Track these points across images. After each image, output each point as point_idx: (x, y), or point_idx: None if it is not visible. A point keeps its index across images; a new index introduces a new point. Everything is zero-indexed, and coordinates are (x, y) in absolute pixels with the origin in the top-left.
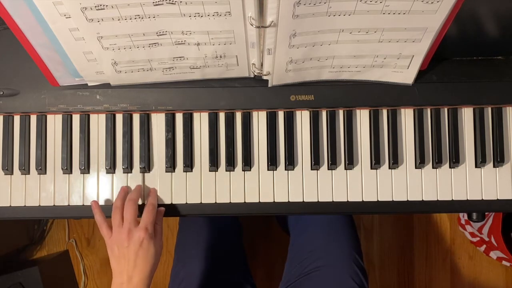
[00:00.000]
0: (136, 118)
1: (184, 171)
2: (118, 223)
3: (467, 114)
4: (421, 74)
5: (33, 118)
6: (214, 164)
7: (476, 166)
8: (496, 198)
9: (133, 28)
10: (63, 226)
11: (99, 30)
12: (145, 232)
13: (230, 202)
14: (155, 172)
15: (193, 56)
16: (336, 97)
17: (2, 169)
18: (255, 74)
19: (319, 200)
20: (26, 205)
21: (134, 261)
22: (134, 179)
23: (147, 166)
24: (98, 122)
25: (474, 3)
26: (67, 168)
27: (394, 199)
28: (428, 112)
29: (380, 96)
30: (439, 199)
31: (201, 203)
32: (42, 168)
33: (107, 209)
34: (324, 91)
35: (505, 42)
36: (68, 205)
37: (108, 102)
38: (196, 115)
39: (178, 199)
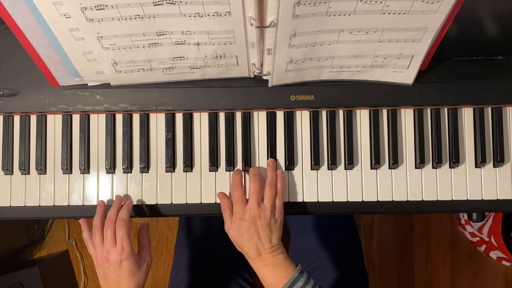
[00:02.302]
0: (136, 118)
1: (184, 171)
2: (98, 243)
3: (467, 114)
4: (421, 74)
5: (33, 118)
6: (214, 164)
7: (476, 166)
8: (496, 198)
9: (133, 28)
10: (63, 226)
11: (99, 30)
12: (121, 254)
13: None
14: (155, 172)
15: (193, 56)
16: (336, 97)
17: (2, 169)
18: (255, 74)
19: (319, 200)
20: (26, 205)
21: (117, 280)
22: (134, 179)
23: (147, 166)
24: (98, 122)
25: (474, 3)
26: (67, 168)
27: (394, 199)
28: (428, 112)
29: (380, 96)
30: (439, 199)
31: (201, 203)
32: (42, 168)
33: (106, 209)
34: (324, 91)
35: (505, 42)
36: (68, 205)
37: (108, 102)
38: (196, 115)
39: (178, 199)
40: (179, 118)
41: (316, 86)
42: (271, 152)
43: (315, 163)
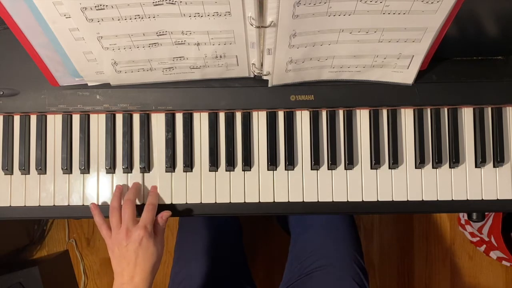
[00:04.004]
0: (136, 118)
1: (184, 171)
2: (116, 223)
3: (467, 114)
4: (421, 74)
5: (33, 118)
6: (214, 164)
7: (476, 166)
8: (496, 198)
9: (133, 28)
10: (63, 226)
11: (99, 30)
12: (144, 231)
13: (230, 202)
14: (155, 172)
15: (193, 56)
16: (336, 97)
17: (2, 169)
18: (255, 74)
19: (319, 200)
20: (26, 205)
21: (135, 260)
22: (134, 179)
23: (147, 166)
24: (98, 122)
25: (474, 3)
26: (67, 168)
27: (394, 199)
28: (428, 112)
29: (380, 96)
30: (439, 199)
31: (201, 203)
32: (42, 168)
33: (107, 209)
34: (324, 91)
35: (505, 42)
36: (68, 205)
37: (108, 102)
38: (196, 115)
39: (178, 199)
40: (179, 118)
41: (316, 86)
42: (271, 152)
43: (315, 163)
